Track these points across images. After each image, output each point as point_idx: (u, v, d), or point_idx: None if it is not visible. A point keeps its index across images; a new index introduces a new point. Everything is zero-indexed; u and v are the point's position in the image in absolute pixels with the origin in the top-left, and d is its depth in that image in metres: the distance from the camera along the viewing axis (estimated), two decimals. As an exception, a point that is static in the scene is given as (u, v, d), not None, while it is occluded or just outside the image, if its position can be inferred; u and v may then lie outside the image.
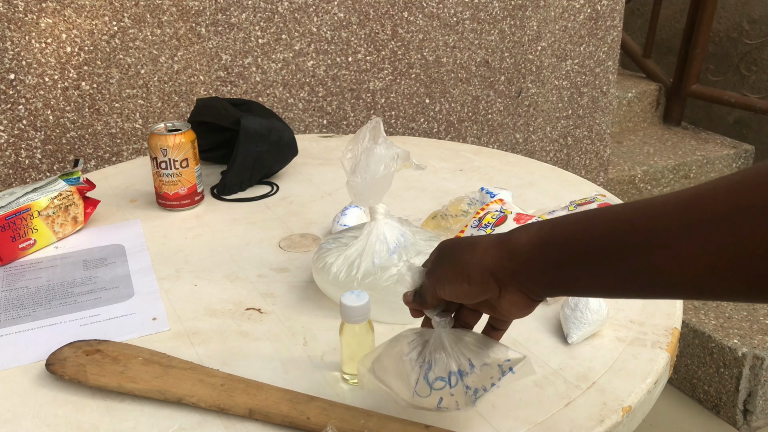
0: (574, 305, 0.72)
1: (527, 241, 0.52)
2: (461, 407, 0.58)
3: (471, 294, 0.55)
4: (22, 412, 0.64)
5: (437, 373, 0.58)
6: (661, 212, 0.44)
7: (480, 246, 0.55)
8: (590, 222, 0.49)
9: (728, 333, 1.70)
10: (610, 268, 0.47)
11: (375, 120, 0.73)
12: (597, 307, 0.72)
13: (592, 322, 0.71)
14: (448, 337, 0.59)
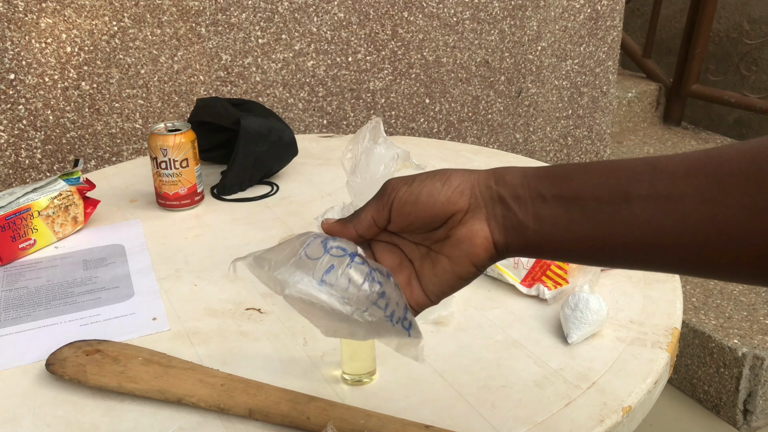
0: (574, 305, 0.72)
1: (521, 170, 0.48)
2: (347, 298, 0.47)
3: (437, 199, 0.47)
4: (22, 412, 0.64)
5: (341, 244, 0.49)
6: (667, 168, 0.42)
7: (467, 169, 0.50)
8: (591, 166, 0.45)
9: (728, 333, 1.70)
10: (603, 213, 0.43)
11: (375, 120, 0.73)
12: (597, 307, 0.72)
13: (592, 322, 0.71)
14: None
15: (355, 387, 0.66)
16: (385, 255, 0.52)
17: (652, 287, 0.82)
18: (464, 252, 0.48)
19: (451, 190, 0.47)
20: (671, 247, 0.41)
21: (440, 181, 0.48)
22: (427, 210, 0.48)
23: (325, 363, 0.70)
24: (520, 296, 0.80)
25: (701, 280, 1.94)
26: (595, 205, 0.44)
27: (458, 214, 0.47)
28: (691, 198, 0.40)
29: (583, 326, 0.71)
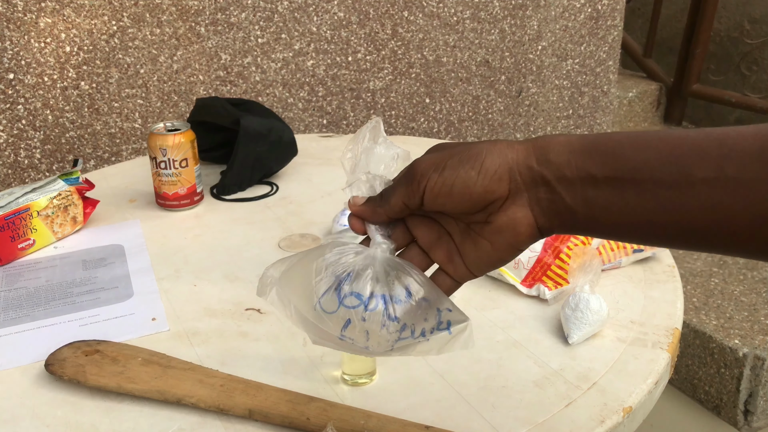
0: (574, 305, 0.72)
1: (566, 143, 0.43)
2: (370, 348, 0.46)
3: (473, 189, 0.44)
4: (21, 413, 0.64)
5: (354, 288, 0.47)
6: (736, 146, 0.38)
7: (503, 141, 0.45)
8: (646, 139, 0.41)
9: (729, 333, 1.70)
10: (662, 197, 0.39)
11: (375, 120, 0.73)
12: (598, 308, 0.71)
13: (593, 322, 0.71)
14: (385, 258, 0.48)
15: (354, 387, 0.66)
16: (421, 229, 0.50)
17: (653, 287, 0.82)
18: (507, 239, 0.45)
19: (488, 179, 0.43)
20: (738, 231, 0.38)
21: (474, 170, 0.44)
22: (464, 201, 0.45)
23: (324, 363, 0.70)
24: (520, 296, 0.80)
25: (702, 281, 1.94)
26: (653, 187, 0.40)
27: (498, 201, 0.44)
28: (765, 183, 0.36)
29: (584, 326, 0.71)
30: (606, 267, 0.84)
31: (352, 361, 0.66)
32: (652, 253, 0.86)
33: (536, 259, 0.80)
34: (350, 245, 0.50)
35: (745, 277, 1.96)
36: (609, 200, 0.41)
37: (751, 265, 2.02)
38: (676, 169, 0.39)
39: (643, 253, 0.85)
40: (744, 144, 0.38)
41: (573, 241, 0.80)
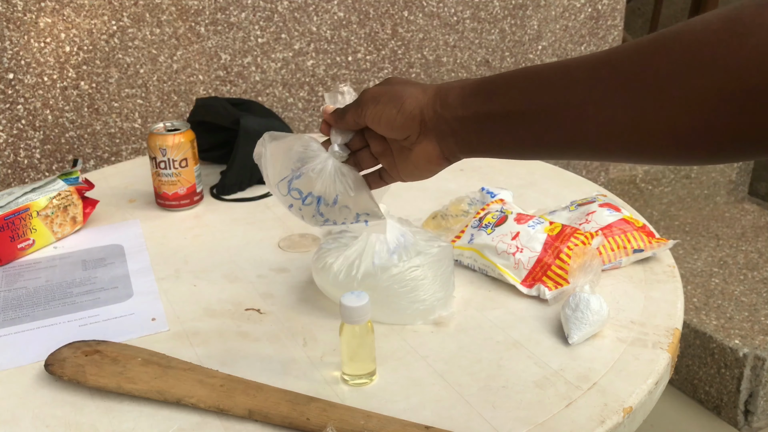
0: (574, 306, 0.72)
1: (459, 89, 0.54)
2: (305, 220, 0.67)
3: (394, 124, 0.57)
4: (21, 413, 0.64)
5: (298, 185, 0.66)
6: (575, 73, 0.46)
7: (422, 86, 0.58)
8: (514, 78, 0.51)
9: (729, 333, 1.70)
10: (529, 124, 0.49)
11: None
12: (598, 308, 0.71)
13: (593, 322, 0.71)
14: (333, 165, 0.65)
15: (354, 388, 0.66)
16: (373, 141, 0.64)
17: (653, 287, 0.82)
18: (423, 163, 0.59)
19: (405, 117, 0.57)
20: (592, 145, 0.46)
21: (396, 108, 0.57)
22: (390, 131, 0.59)
23: (324, 364, 0.70)
24: (520, 297, 0.80)
25: (702, 281, 1.94)
26: (519, 119, 0.50)
27: (412, 135, 0.58)
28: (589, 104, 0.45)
29: (584, 326, 0.71)
30: (606, 267, 0.84)
31: (352, 362, 0.66)
32: (652, 253, 0.86)
33: (536, 260, 0.80)
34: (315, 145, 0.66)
35: (746, 278, 1.96)
36: (495, 131, 0.52)
37: (751, 266, 2.02)
38: (534, 100, 0.49)
39: (643, 253, 0.85)
40: (579, 72, 0.46)
41: (573, 242, 0.80)
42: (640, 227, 0.87)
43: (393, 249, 0.74)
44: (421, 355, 0.71)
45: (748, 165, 2.48)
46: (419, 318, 0.75)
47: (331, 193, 0.65)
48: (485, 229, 0.84)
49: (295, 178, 0.66)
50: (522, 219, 0.83)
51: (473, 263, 0.85)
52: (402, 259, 0.73)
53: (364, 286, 0.72)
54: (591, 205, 0.90)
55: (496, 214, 0.86)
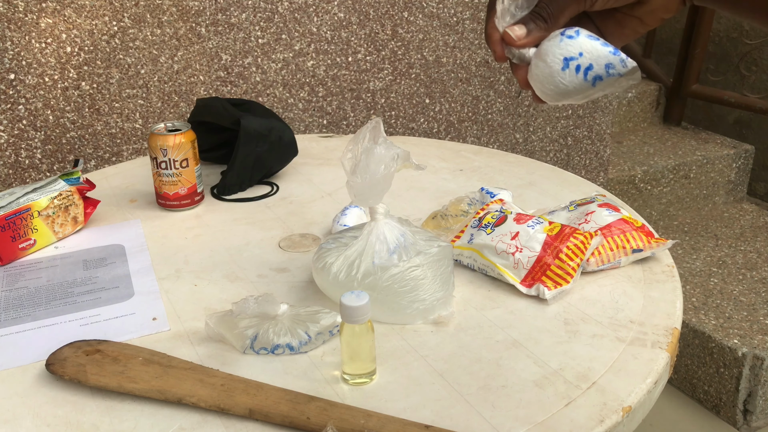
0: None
1: None
2: None
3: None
4: (22, 412, 0.64)
5: (262, 344, 0.70)
6: None
7: None
8: None
9: (728, 333, 1.70)
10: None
11: (375, 120, 0.73)
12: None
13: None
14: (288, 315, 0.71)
15: (354, 387, 0.66)
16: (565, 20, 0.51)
17: (653, 287, 0.82)
18: (657, 16, 0.49)
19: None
20: None
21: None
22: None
23: (325, 363, 0.70)
24: (520, 296, 0.80)
25: (701, 280, 1.94)
26: None
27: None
28: None
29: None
30: (605, 267, 0.84)
31: (352, 361, 0.66)
32: (651, 253, 0.87)
33: (536, 259, 0.80)
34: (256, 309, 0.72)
35: (745, 277, 1.96)
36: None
37: (750, 265, 2.02)
38: None
39: (642, 253, 0.86)
40: None
41: (572, 241, 0.80)
42: (639, 227, 0.87)
43: (393, 249, 0.74)
44: (421, 355, 0.71)
45: (747, 165, 2.49)
46: (419, 318, 0.76)
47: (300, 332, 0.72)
48: (485, 229, 0.85)
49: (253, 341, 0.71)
50: (521, 219, 0.84)
51: (473, 263, 0.85)
52: (402, 259, 0.73)
53: (364, 285, 0.73)
54: (590, 205, 0.90)
55: (495, 214, 0.86)
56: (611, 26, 0.51)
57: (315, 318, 0.73)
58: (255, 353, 0.71)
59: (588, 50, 0.49)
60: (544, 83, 0.51)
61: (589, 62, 0.49)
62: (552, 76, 0.51)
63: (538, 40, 0.51)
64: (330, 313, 0.73)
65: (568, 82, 0.50)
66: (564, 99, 0.52)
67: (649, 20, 0.50)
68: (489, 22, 0.51)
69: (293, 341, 0.70)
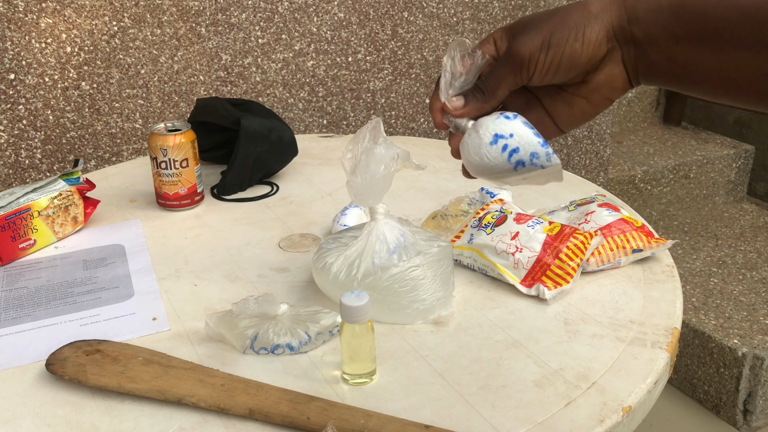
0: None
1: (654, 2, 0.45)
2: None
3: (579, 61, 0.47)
4: (22, 412, 0.64)
5: (262, 344, 0.70)
6: None
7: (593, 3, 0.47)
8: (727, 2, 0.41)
9: (728, 333, 1.70)
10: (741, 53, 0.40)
11: (375, 120, 0.73)
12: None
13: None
14: (288, 315, 0.71)
15: (355, 387, 0.66)
16: (511, 98, 0.53)
17: (652, 287, 0.82)
18: (603, 94, 0.49)
19: (591, 48, 0.47)
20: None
21: (578, 42, 0.46)
22: (569, 73, 0.48)
23: (325, 363, 0.70)
24: (520, 296, 0.80)
25: (701, 280, 1.94)
26: (732, 48, 0.41)
27: (597, 62, 0.48)
28: None
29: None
30: (605, 267, 0.84)
31: (352, 361, 0.66)
32: (651, 253, 0.87)
33: (536, 259, 0.80)
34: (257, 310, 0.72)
35: (744, 277, 1.96)
36: (689, 58, 0.43)
37: (750, 265, 2.02)
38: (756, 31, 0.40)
39: (642, 252, 0.86)
40: None
41: (572, 241, 0.80)
42: (639, 227, 0.87)
43: (393, 249, 0.74)
44: (421, 355, 0.71)
45: (747, 165, 2.49)
46: (419, 317, 0.76)
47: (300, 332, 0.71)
48: (485, 229, 0.85)
49: (253, 341, 0.71)
50: (521, 219, 0.84)
51: (473, 263, 0.85)
52: (402, 259, 0.73)
53: (364, 285, 0.73)
54: (590, 205, 0.90)
55: (495, 214, 0.86)
56: (559, 107, 0.52)
57: (315, 318, 0.73)
58: (255, 353, 0.71)
59: (519, 134, 0.51)
60: (470, 153, 0.54)
61: (516, 145, 0.52)
62: (479, 148, 0.53)
63: (476, 112, 0.53)
64: (330, 313, 0.73)
65: (492, 157, 0.53)
66: (485, 175, 0.55)
67: (596, 100, 0.50)
68: (434, 93, 0.54)
69: (293, 341, 0.70)
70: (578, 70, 0.48)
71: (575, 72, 0.48)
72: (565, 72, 0.48)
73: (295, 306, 0.75)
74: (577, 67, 0.48)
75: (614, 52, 0.47)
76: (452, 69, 0.53)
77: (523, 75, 0.49)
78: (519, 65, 0.48)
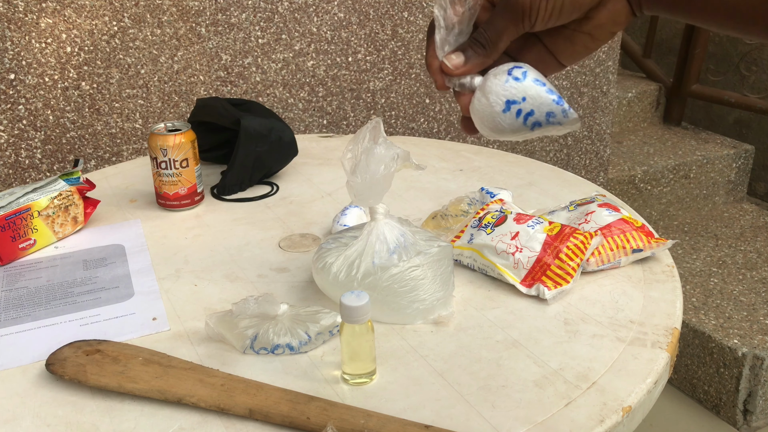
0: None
1: None
2: None
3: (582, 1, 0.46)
4: (22, 412, 0.64)
5: (262, 344, 0.70)
6: None
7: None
8: None
9: (728, 333, 1.70)
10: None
11: (375, 120, 0.73)
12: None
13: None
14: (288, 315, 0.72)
15: (355, 387, 0.67)
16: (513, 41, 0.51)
17: (652, 287, 0.82)
18: (607, 29, 0.48)
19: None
20: None
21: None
22: (573, 14, 0.47)
23: (325, 363, 0.70)
24: (520, 296, 0.80)
25: (701, 280, 1.94)
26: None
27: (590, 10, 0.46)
28: None
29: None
30: (605, 267, 0.84)
31: (352, 361, 0.66)
32: (651, 253, 0.87)
33: (536, 259, 0.80)
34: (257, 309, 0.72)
35: (744, 277, 1.96)
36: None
37: (750, 265, 2.02)
38: None
39: (642, 253, 0.86)
40: None
41: (572, 241, 0.80)
42: (639, 227, 0.87)
43: (393, 249, 0.74)
44: (421, 355, 0.71)
45: (747, 165, 2.49)
46: (419, 317, 0.76)
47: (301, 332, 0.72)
48: (485, 229, 0.85)
49: (253, 341, 0.71)
50: (521, 219, 0.84)
51: (473, 263, 0.85)
52: (402, 259, 0.73)
53: (364, 285, 0.73)
54: (590, 205, 0.90)
55: (495, 214, 0.86)
56: (561, 44, 0.50)
57: (315, 318, 0.73)
58: (255, 353, 0.71)
59: (532, 96, 0.49)
60: (483, 119, 0.51)
61: (530, 108, 0.49)
62: (492, 116, 0.50)
63: (478, 67, 0.50)
64: (330, 313, 0.73)
65: (507, 124, 0.50)
66: (500, 137, 0.52)
67: (599, 35, 0.49)
68: (429, 50, 0.50)
69: (293, 341, 0.70)
70: (582, 10, 0.47)
71: (579, 13, 0.47)
72: (569, 14, 0.47)
73: (295, 306, 0.75)
74: (581, 8, 0.46)
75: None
76: (445, 20, 0.49)
77: (525, 24, 0.47)
78: (521, 14, 0.47)
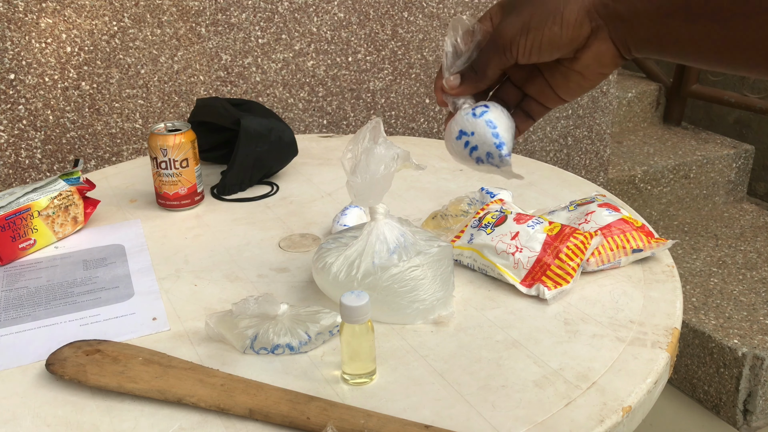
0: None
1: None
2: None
3: (559, 43, 0.48)
4: (22, 412, 0.64)
5: (262, 344, 0.70)
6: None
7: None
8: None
9: (728, 333, 1.70)
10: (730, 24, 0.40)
11: (375, 120, 0.73)
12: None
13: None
14: (288, 315, 0.72)
15: (355, 387, 0.67)
16: (515, 69, 0.55)
17: (652, 287, 0.82)
18: (594, 70, 0.50)
19: (571, 29, 0.47)
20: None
21: (557, 25, 0.48)
22: (553, 53, 0.49)
23: (325, 363, 0.70)
24: (520, 296, 0.80)
25: (701, 280, 1.94)
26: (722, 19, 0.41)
27: (582, 42, 0.48)
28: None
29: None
30: (605, 267, 0.84)
31: (352, 361, 0.66)
32: (651, 253, 0.87)
33: (536, 259, 0.80)
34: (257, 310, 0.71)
35: (744, 277, 1.96)
36: (679, 30, 0.43)
37: (750, 265, 2.02)
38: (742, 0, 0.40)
39: (642, 253, 0.86)
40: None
41: (572, 241, 0.80)
42: (639, 227, 0.87)
43: (393, 249, 0.74)
44: (421, 355, 0.71)
45: (747, 165, 2.49)
46: (419, 317, 0.76)
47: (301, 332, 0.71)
48: (485, 229, 0.85)
49: (253, 341, 0.71)
50: (521, 219, 0.84)
51: (473, 263, 0.85)
52: (402, 259, 0.73)
53: (364, 285, 0.73)
54: (590, 205, 0.90)
55: (495, 214, 0.86)
56: (558, 80, 0.53)
57: (315, 318, 0.73)
58: (255, 353, 0.71)
59: (479, 133, 0.56)
60: (446, 138, 0.60)
61: (475, 143, 0.57)
62: (449, 139, 0.59)
63: (471, 90, 0.56)
64: (330, 313, 0.73)
65: (456, 150, 0.59)
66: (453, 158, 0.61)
67: (588, 75, 0.51)
68: (439, 71, 0.57)
69: (293, 341, 0.70)
70: (562, 50, 0.49)
71: (560, 53, 0.49)
72: (549, 53, 0.49)
73: (295, 306, 0.75)
74: (560, 49, 0.49)
75: (600, 30, 0.48)
76: (455, 47, 0.55)
77: (508, 56, 0.51)
78: (502, 47, 0.51)
